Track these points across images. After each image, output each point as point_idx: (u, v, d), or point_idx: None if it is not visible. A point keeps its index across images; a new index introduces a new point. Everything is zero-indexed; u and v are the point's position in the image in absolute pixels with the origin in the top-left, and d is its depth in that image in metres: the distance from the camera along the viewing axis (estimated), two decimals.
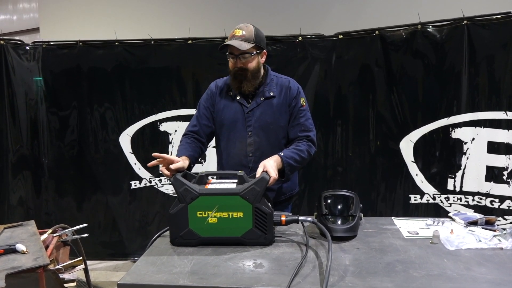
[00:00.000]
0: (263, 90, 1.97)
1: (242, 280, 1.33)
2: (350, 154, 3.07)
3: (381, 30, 2.91)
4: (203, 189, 1.59)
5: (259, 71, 1.96)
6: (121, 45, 3.28)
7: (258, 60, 1.94)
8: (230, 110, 1.98)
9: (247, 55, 1.87)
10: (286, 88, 1.99)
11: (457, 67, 2.71)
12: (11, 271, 1.56)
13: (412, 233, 1.76)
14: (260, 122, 1.96)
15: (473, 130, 2.70)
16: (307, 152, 1.94)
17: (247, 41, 1.86)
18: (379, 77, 2.94)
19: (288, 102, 1.98)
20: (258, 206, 1.60)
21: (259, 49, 1.93)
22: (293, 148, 1.91)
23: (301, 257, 1.49)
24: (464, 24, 2.65)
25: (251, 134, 1.96)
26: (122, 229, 3.46)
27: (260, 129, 1.96)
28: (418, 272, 1.37)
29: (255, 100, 1.97)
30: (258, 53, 1.93)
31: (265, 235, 1.62)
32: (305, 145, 1.95)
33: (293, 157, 1.86)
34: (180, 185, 1.59)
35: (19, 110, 3.32)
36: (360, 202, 1.81)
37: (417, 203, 2.91)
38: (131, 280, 1.35)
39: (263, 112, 1.96)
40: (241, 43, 1.84)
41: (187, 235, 1.59)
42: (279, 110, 1.97)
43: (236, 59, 1.88)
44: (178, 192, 1.58)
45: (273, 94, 1.97)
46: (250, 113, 1.96)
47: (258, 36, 1.91)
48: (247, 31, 1.88)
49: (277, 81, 2.01)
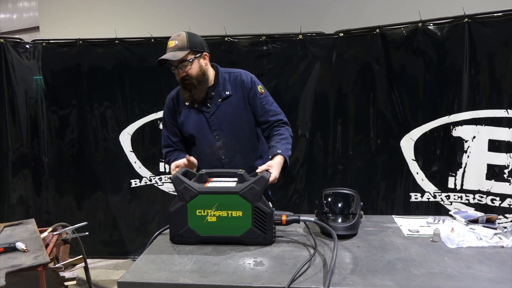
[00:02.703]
0: (218, 91, 1.97)
1: (242, 278, 1.33)
2: (350, 152, 3.06)
3: (381, 28, 2.90)
4: (202, 188, 1.59)
5: (205, 74, 1.93)
6: (121, 43, 3.27)
7: (199, 64, 1.91)
8: (192, 119, 1.99)
9: (185, 63, 1.86)
10: (240, 82, 1.99)
11: (458, 65, 2.70)
12: (11, 270, 1.56)
13: (413, 231, 1.76)
14: (224, 124, 1.97)
15: (474, 128, 2.69)
16: (291, 137, 1.99)
17: (181, 49, 1.85)
18: (380, 75, 2.93)
19: (246, 95, 1.98)
20: (258, 206, 1.58)
21: (197, 53, 1.89)
22: (281, 139, 1.93)
23: (302, 255, 1.49)
24: (465, 22, 2.64)
25: (218, 138, 1.98)
26: (122, 227, 3.46)
27: (226, 131, 1.98)
28: (419, 270, 1.37)
29: (213, 103, 1.97)
30: (197, 57, 1.89)
31: (264, 235, 1.60)
32: (286, 131, 1.98)
33: (287, 148, 1.91)
34: (180, 183, 1.58)
35: (19, 108, 3.31)
36: (360, 200, 1.81)
37: (418, 201, 2.90)
38: (131, 279, 1.35)
39: (224, 113, 1.96)
40: (174, 53, 1.84)
41: (186, 233, 1.59)
42: (239, 106, 1.98)
43: (178, 69, 1.88)
44: (178, 190, 1.58)
45: (229, 93, 1.97)
46: (212, 117, 1.97)
47: (192, 41, 1.88)
48: (179, 39, 1.87)
49: (230, 78, 2.00)
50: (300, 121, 3.15)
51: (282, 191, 3.21)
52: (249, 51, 3.15)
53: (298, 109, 3.15)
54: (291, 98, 3.15)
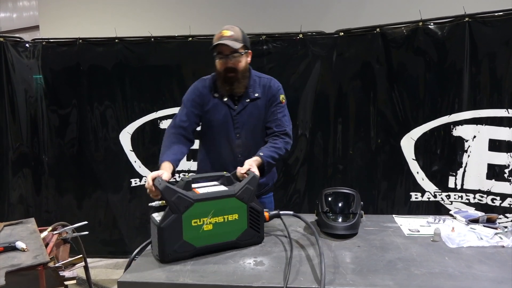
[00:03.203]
0: (248, 91, 1.97)
1: (242, 278, 1.33)
2: (351, 152, 3.06)
3: (382, 27, 2.89)
4: (196, 195, 1.47)
5: (247, 71, 1.96)
6: (121, 42, 3.26)
7: (246, 60, 1.94)
8: (219, 112, 1.97)
9: (237, 55, 1.86)
10: (268, 87, 2.01)
11: (459, 65, 2.69)
12: (11, 269, 1.55)
13: (413, 231, 1.76)
14: (248, 124, 1.98)
15: (474, 127, 2.69)
16: (284, 149, 1.95)
17: (237, 41, 1.86)
18: (380, 74, 2.92)
19: (269, 100, 2.00)
20: (252, 205, 1.56)
21: (246, 49, 1.92)
22: (271, 146, 1.91)
23: (302, 255, 1.49)
24: (465, 21, 2.64)
25: (239, 136, 1.98)
26: (122, 227, 3.45)
27: (249, 131, 1.98)
28: (419, 270, 1.37)
29: (241, 102, 1.97)
30: (246, 53, 1.92)
31: (258, 234, 1.60)
32: (282, 142, 1.95)
33: (272, 155, 1.87)
34: (172, 193, 1.44)
35: (19, 107, 3.30)
36: (361, 200, 1.81)
37: (418, 201, 2.90)
38: (131, 278, 1.35)
39: (250, 115, 1.97)
40: (233, 42, 1.84)
41: (181, 247, 1.45)
42: (262, 111, 1.99)
43: (226, 59, 1.86)
44: (170, 201, 1.43)
45: (257, 95, 1.97)
46: (237, 116, 1.96)
47: (244, 36, 1.91)
48: (234, 31, 1.88)
49: (260, 82, 2.01)
50: (300, 121, 3.14)
51: (282, 191, 3.20)
52: None
53: (299, 109, 3.14)
54: (292, 98, 3.12)
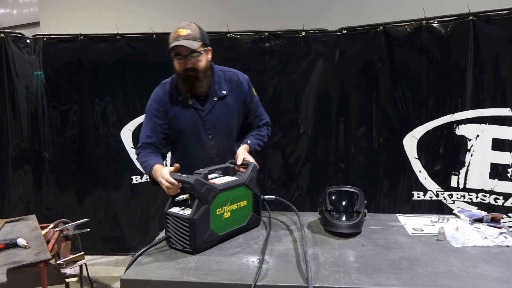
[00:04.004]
0: (214, 89, 1.89)
1: (246, 276, 1.32)
2: (352, 150, 3.05)
3: (385, 25, 2.88)
4: (217, 185, 1.56)
5: (209, 69, 1.87)
6: (123, 39, 3.25)
7: (207, 58, 1.85)
8: (186, 115, 1.88)
9: (196, 54, 1.77)
10: (237, 83, 1.94)
11: (462, 63, 2.68)
12: (13, 266, 1.54)
13: (417, 230, 1.75)
14: (219, 124, 1.91)
15: (477, 126, 2.67)
16: (267, 136, 2.07)
17: (195, 39, 1.76)
18: (383, 73, 2.91)
19: (243, 98, 1.95)
20: (255, 191, 1.73)
21: (206, 46, 1.83)
22: (257, 134, 2.00)
23: (302, 253, 1.47)
24: (469, 19, 2.62)
25: (211, 137, 1.91)
26: (123, 224, 3.44)
27: (221, 131, 1.92)
28: (424, 269, 1.36)
29: (209, 101, 1.89)
30: (206, 51, 1.83)
31: (258, 217, 1.78)
32: (265, 130, 2.06)
33: (258, 143, 1.98)
34: (202, 185, 1.51)
35: (19, 104, 3.28)
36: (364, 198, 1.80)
37: (420, 200, 2.89)
38: (134, 276, 1.34)
39: (220, 113, 1.90)
40: (190, 42, 1.74)
41: (209, 237, 1.53)
42: (234, 108, 1.93)
43: (185, 59, 1.77)
44: (201, 193, 1.49)
45: (225, 92, 1.90)
46: (207, 116, 1.88)
47: (203, 33, 1.82)
48: (191, 29, 1.78)
49: (225, 76, 1.93)
50: (302, 119, 3.13)
51: (284, 188, 3.19)
52: (252, 47, 3.13)
53: (301, 107, 3.13)
54: (293, 96, 3.13)
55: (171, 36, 1.78)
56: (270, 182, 3.20)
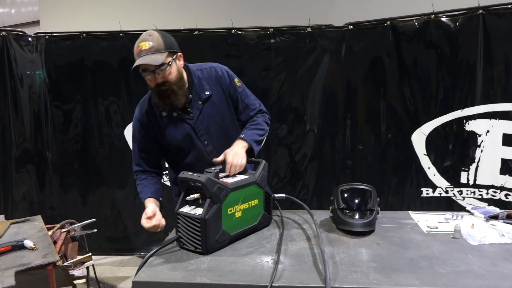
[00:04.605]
0: (196, 92, 1.78)
1: (261, 277, 1.28)
2: (360, 147, 3.01)
3: (392, 20, 2.84)
4: (229, 184, 1.53)
5: (182, 77, 1.73)
6: (126, 36, 3.20)
7: (177, 67, 1.70)
8: (175, 131, 1.78)
9: (164, 67, 1.63)
10: (216, 77, 1.82)
11: (472, 58, 2.64)
12: (21, 268, 1.51)
13: (432, 227, 1.72)
14: (212, 127, 1.81)
15: (487, 122, 2.64)
16: (265, 123, 1.89)
17: (159, 52, 1.61)
18: (391, 68, 2.87)
19: (227, 91, 1.83)
20: (267, 190, 1.70)
21: (174, 54, 1.68)
22: (251, 124, 1.85)
23: (318, 253, 1.44)
24: (479, 13, 2.58)
25: (207, 143, 1.81)
26: (128, 224, 3.41)
27: (214, 134, 1.82)
28: (444, 268, 1.33)
29: (195, 107, 1.77)
30: (174, 59, 1.68)
31: (269, 216, 1.75)
32: (260, 117, 1.89)
33: (255, 133, 1.81)
34: (213, 184, 1.47)
35: (22, 103, 3.25)
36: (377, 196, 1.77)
37: (429, 196, 2.86)
38: (146, 278, 1.31)
39: (210, 116, 1.80)
40: (153, 57, 1.60)
41: (221, 237, 1.50)
42: (222, 105, 1.83)
43: (154, 74, 1.64)
44: (212, 192, 1.46)
45: (208, 93, 1.79)
46: (197, 123, 1.78)
47: (167, 41, 1.66)
48: (153, 40, 1.62)
49: (203, 75, 1.82)
50: (308, 116, 3.09)
51: (290, 186, 3.16)
52: (256, 44, 3.09)
53: (307, 104, 3.09)
54: (299, 92, 3.09)
55: (134, 51, 1.65)
56: (276, 180, 3.16)
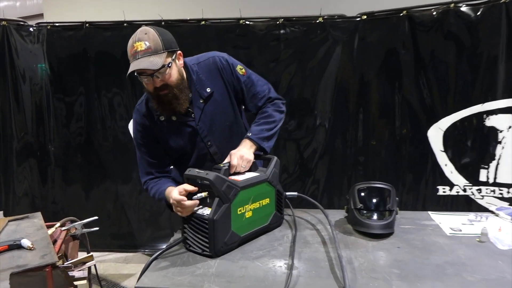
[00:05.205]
0: (196, 90, 1.62)
1: (274, 284, 1.19)
2: (373, 143, 2.89)
3: (409, 9, 2.69)
4: (238, 182, 1.43)
5: (183, 78, 1.58)
6: (130, 26, 3.08)
7: (178, 67, 1.55)
8: (176, 133, 1.65)
9: (163, 69, 1.47)
10: (216, 69, 1.66)
11: (494, 50, 2.50)
12: (16, 270, 1.42)
13: (455, 230, 1.61)
14: (215, 126, 1.67)
15: (509, 117, 2.50)
16: (276, 112, 1.72)
17: (157, 53, 1.45)
18: (406, 60, 2.73)
19: (230, 85, 1.68)
20: (278, 188, 1.60)
21: (173, 54, 1.52)
22: (260, 118, 1.70)
23: (334, 257, 1.34)
24: (502, 2, 2.44)
25: (211, 144, 1.68)
26: (132, 219, 3.31)
27: (218, 133, 1.69)
28: (473, 276, 1.22)
29: (195, 107, 1.63)
30: (174, 59, 1.52)
31: (281, 216, 1.66)
32: (269, 108, 1.72)
33: (263, 128, 1.65)
34: (222, 182, 1.37)
35: (23, 95, 3.16)
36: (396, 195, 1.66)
37: (446, 195, 2.73)
38: (150, 283, 1.21)
39: (213, 114, 1.66)
40: (151, 60, 1.44)
41: (230, 239, 1.40)
42: (224, 101, 1.68)
43: (152, 78, 1.48)
44: (221, 191, 1.36)
45: (210, 90, 1.63)
46: (199, 123, 1.64)
47: (165, 39, 1.49)
48: (150, 39, 1.45)
49: (202, 69, 1.65)
50: (319, 110, 2.97)
51: (300, 182, 3.05)
52: (266, 34, 2.96)
53: (317, 97, 2.97)
54: (310, 85, 2.97)
55: (128, 52, 1.48)
56: (285, 176, 3.05)
